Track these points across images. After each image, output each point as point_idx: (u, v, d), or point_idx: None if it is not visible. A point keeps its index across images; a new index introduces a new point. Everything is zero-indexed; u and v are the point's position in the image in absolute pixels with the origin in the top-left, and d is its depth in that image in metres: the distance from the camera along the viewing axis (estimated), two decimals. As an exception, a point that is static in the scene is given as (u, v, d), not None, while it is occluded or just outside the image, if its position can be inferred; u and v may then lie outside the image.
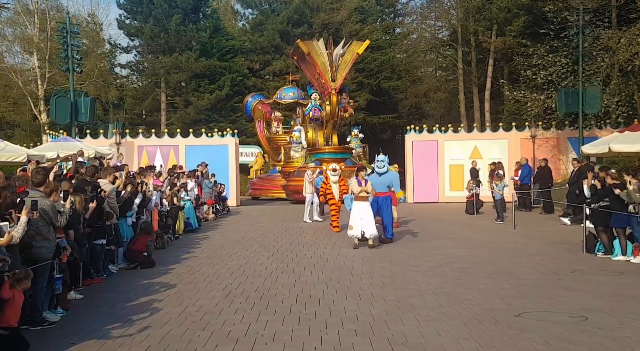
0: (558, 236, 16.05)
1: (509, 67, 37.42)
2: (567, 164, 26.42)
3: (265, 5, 50.10)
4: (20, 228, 7.26)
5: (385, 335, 7.28)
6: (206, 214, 21.23)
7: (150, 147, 28.84)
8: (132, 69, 48.06)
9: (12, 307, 6.91)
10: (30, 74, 39.80)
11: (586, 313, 8.18)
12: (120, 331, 7.61)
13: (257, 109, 34.72)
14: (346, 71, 29.39)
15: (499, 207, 19.90)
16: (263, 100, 35.43)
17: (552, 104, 28.56)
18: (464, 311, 8.34)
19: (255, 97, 35.78)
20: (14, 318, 6.92)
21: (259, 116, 34.77)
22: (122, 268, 12.21)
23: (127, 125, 36.17)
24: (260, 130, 35.07)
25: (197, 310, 8.61)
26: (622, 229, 12.54)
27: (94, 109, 26.97)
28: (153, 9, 43.75)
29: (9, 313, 6.87)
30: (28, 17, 38.98)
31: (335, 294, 9.54)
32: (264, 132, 34.93)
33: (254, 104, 34.88)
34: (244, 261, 12.75)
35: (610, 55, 26.71)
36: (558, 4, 28.64)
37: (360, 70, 43.70)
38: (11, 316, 6.88)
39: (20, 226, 7.27)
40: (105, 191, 11.45)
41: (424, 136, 29.34)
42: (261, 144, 36.97)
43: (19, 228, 7.26)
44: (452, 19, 41.63)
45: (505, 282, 10.26)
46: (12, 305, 6.91)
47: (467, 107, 41.53)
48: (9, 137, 34.98)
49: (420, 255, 13.19)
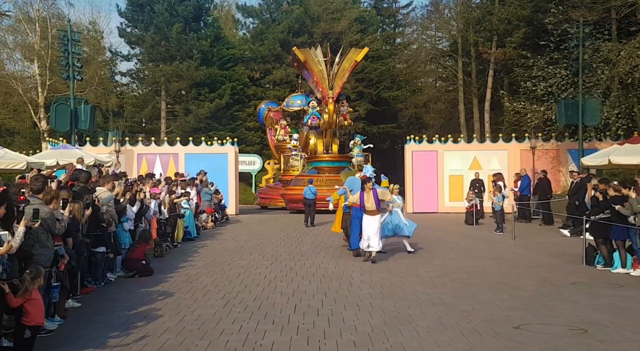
0: (558, 248, 16.01)
1: (509, 79, 37.48)
2: (567, 176, 26.40)
3: (266, 14, 50.23)
4: (18, 238, 7.23)
5: (383, 346, 7.25)
6: (205, 223, 21.18)
7: (149, 155, 28.83)
8: (132, 77, 48.14)
9: (34, 306, 7.04)
10: (31, 81, 39.80)
11: (586, 325, 8.15)
12: (117, 340, 7.57)
13: (268, 116, 34.67)
14: (344, 79, 29.26)
15: (498, 218, 19.88)
16: (271, 107, 35.35)
17: (552, 115, 28.60)
18: (463, 323, 8.31)
19: (268, 105, 35.75)
20: (40, 315, 7.13)
21: (270, 124, 34.73)
22: (120, 276, 12.17)
23: (126, 133, 36.22)
24: (271, 138, 35.01)
25: (195, 319, 8.57)
26: (622, 242, 12.52)
27: (93, 117, 26.98)
28: (154, 18, 43.85)
29: (33, 312, 7.00)
30: (29, 24, 39.02)
31: (334, 304, 9.50)
32: (274, 140, 34.85)
33: (265, 112, 34.82)
34: (242, 270, 12.72)
35: (611, 67, 26.78)
36: (558, 16, 28.72)
37: (360, 80, 43.81)
38: (36, 315, 7.04)
39: (18, 236, 7.24)
40: (100, 199, 11.40)
41: (423, 146, 29.36)
42: (271, 152, 36.95)
43: (17, 237, 7.23)
44: (453, 30, 41.78)
45: (505, 293, 10.23)
46: (33, 304, 7.04)
47: (467, 117, 41.60)
48: (9, 144, 34.94)
49: (420, 266, 13.16)
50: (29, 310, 6.98)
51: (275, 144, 34.69)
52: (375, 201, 13.70)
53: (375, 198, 13.72)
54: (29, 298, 7.00)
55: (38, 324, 7.11)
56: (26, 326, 7.00)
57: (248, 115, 44.20)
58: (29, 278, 7.03)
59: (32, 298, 7.03)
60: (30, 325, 7.00)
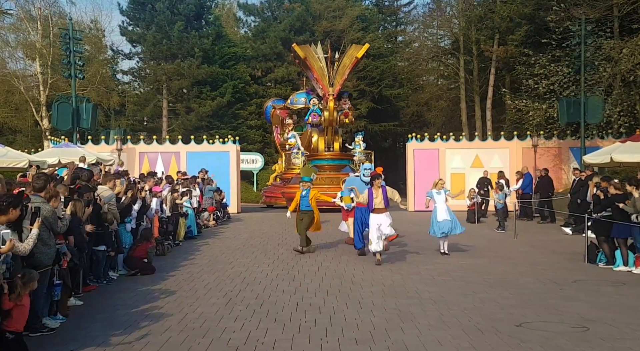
0: (559, 246, 16.01)
1: (511, 76, 37.46)
2: (569, 174, 26.40)
3: (267, 12, 50.20)
4: (31, 240, 7.24)
5: (385, 344, 7.25)
6: (207, 221, 21.20)
7: (151, 154, 28.86)
8: (134, 75, 48.13)
9: (20, 311, 6.89)
10: (33, 80, 39.85)
11: (587, 323, 8.14)
12: (120, 338, 7.58)
13: (274, 114, 34.60)
14: (345, 75, 28.94)
15: (500, 216, 19.88)
16: (276, 105, 35.24)
17: (554, 113, 28.58)
18: (465, 321, 8.31)
19: (274, 103, 35.68)
20: (22, 322, 6.91)
21: (276, 122, 34.65)
22: (122, 274, 12.19)
23: (128, 131, 36.24)
24: (277, 136, 34.94)
25: (197, 317, 8.58)
26: (624, 240, 12.51)
27: (95, 116, 27.00)
28: (155, 16, 43.84)
29: (17, 316, 6.85)
30: (31, 23, 39.06)
31: (336, 302, 9.50)
32: (280, 138, 34.77)
33: (272, 110, 34.73)
34: (244, 268, 12.72)
35: (613, 65, 26.75)
36: (560, 14, 28.69)
37: (362, 78, 43.78)
38: (19, 320, 6.87)
39: (31, 238, 7.25)
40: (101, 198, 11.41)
41: (425, 144, 29.34)
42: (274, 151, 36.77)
43: (30, 240, 7.23)
44: (454, 28, 41.74)
45: (507, 291, 10.23)
46: (19, 309, 6.90)
47: (469, 115, 41.56)
48: (11, 143, 34.98)
49: (421, 264, 13.16)
50: (13, 314, 6.82)
51: (280, 142, 34.62)
52: (385, 199, 13.19)
53: (384, 195, 13.21)
54: (19, 303, 6.88)
55: (17, 330, 6.84)
56: (5, 331, 6.76)
57: (250, 113, 44.18)
58: (20, 283, 6.88)
59: (21, 303, 6.91)
60: (8, 330, 6.76)
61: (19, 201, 7.23)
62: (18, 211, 7.14)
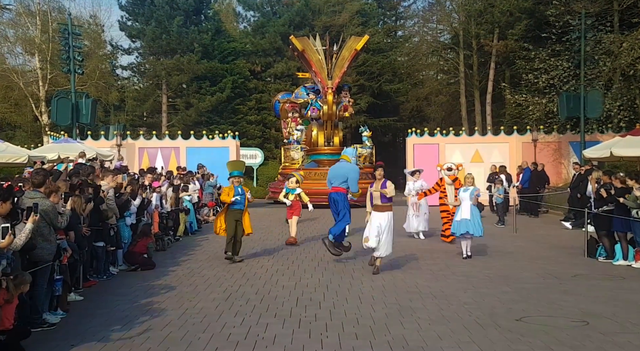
0: (559, 241, 16.02)
1: (511, 71, 37.38)
2: (569, 168, 26.39)
3: (267, 7, 50.08)
4: (23, 235, 7.18)
5: (385, 339, 7.26)
6: (207, 217, 21.18)
7: (151, 149, 28.84)
8: (133, 70, 48.03)
9: (6, 309, 6.82)
10: (32, 75, 39.77)
11: (587, 317, 8.16)
12: (120, 333, 7.59)
13: (283, 108, 34.42)
14: (344, 68, 28.55)
15: (500, 211, 19.87)
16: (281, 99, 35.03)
17: (554, 108, 28.55)
18: (465, 315, 8.32)
19: (282, 97, 35.53)
20: (9, 321, 6.82)
21: (284, 116, 34.50)
22: (122, 270, 12.19)
23: (128, 127, 36.14)
24: (285, 130, 34.76)
25: (197, 313, 8.58)
26: (624, 234, 12.52)
27: (95, 111, 26.99)
28: (155, 11, 43.73)
29: (4, 316, 6.77)
30: (30, 18, 38.99)
31: (336, 297, 9.51)
32: (287, 133, 34.57)
33: (280, 104, 34.53)
34: (244, 263, 12.72)
35: (613, 59, 26.72)
36: (560, 8, 28.64)
37: (361, 73, 43.69)
38: (7, 319, 6.78)
39: (24, 233, 7.20)
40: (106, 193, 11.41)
41: (425, 139, 29.30)
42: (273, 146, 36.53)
43: (23, 234, 7.18)
44: (454, 23, 41.60)
45: (507, 286, 10.24)
46: (8, 308, 6.84)
47: (469, 110, 41.49)
48: (10, 138, 34.91)
49: (421, 258, 13.16)
50: (2, 312, 6.75)
51: (287, 136, 34.47)
52: (382, 196, 11.62)
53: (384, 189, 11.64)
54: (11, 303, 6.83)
55: (6, 329, 6.72)
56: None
57: (249, 109, 44.11)
58: (12, 285, 6.79)
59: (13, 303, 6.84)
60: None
61: (9, 194, 7.19)
62: (8, 204, 7.10)
